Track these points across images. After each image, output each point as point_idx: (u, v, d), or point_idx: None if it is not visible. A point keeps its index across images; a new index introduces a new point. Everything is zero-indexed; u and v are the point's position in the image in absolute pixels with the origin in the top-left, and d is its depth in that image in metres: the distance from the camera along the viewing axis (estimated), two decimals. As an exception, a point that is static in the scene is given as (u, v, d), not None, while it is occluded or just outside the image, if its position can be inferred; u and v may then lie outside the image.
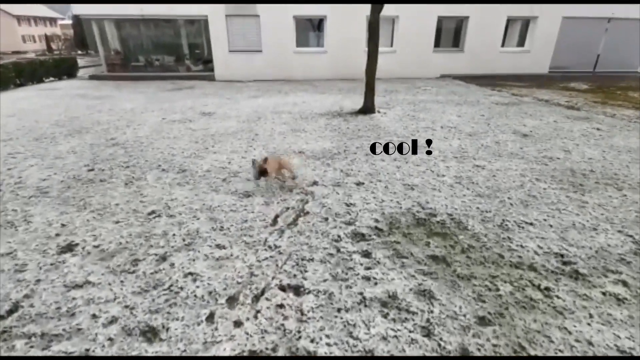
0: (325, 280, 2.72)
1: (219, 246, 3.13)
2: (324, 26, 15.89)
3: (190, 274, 2.76)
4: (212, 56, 16.42)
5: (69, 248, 3.11)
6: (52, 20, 63.04)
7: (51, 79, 16.21)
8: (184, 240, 3.22)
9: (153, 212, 3.72)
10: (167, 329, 2.25)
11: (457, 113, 8.53)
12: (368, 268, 2.88)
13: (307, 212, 3.72)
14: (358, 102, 9.86)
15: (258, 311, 2.40)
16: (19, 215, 3.66)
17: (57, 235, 3.30)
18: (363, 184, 4.44)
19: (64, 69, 17.30)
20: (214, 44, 15.95)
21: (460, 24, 16.78)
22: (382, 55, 15.86)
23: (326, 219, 3.59)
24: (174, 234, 3.31)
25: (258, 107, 9.38)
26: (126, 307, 2.44)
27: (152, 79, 15.97)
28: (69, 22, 54.58)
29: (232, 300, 2.50)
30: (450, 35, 17.24)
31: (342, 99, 10.51)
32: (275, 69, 16.11)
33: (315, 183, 4.44)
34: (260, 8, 15.28)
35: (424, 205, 3.92)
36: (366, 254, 3.07)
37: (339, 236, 3.31)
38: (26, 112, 8.89)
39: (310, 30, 16.44)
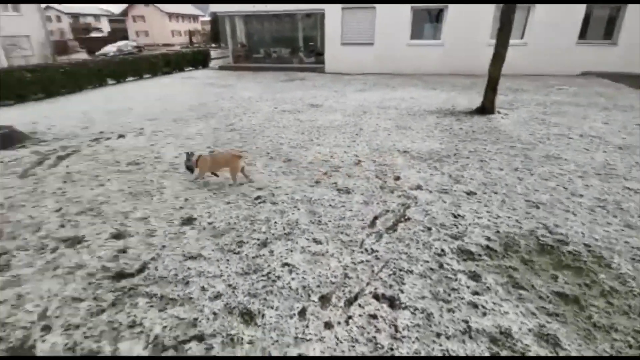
0: (423, 298, 2.48)
1: (315, 241, 3.13)
2: (444, 17, 14.80)
3: (287, 264, 2.82)
4: (324, 49, 16.88)
5: (189, 221, 3.50)
6: (195, 18, 73.33)
7: (190, 68, 18.84)
8: (284, 229, 3.32)
9: (259, 197, 3.94)
10: (263, 316, 2.33)
11: (602, 119, 7.00)
12: (476, 293, 2.52)
13: (409, 218, 3.47)
14: (475, 100, 8.93)
15: (350, 317, 2.31)
16: (155, 186, 4.29)
17: (181, 208, 3.75)
18: (475, 194, 3.95)
19: (200, 60, 19.92)
20: (327, 36, 16.33)
21: (615, 11, 13.73)
22: (510, 48, 14.15)
23: (429, 229, 3.29)
24: (275, 222, 3.44)
25: (364, 100, 9.26)
26: (229, 285, 2.61)
27: (269, 69, 17.22)
28: (208, 18, 62.76)
29: (324, 300, 2.46)
30: (600, 24, 14.27)
31: (455, 96, 9.65)
32: (385, 62, 15.72)
33: (419, 187, 4.13)
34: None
35: (551, 229, 3.28)
36: (474, 276, 2.70)
37: (442, 250, 2.99)
38: (169, 97, 10.50)
39: (427, 22, 15.51)
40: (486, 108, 7.44)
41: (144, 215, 3.62)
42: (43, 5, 26.31)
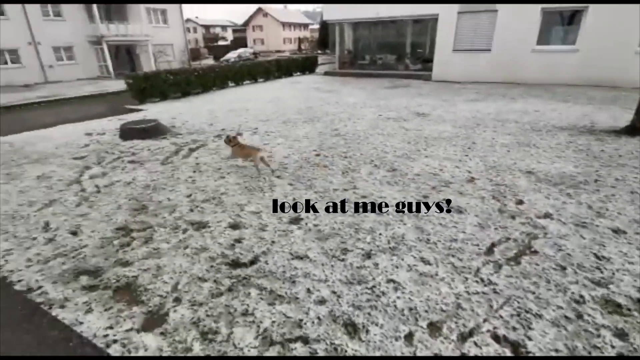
0: (557, 350, 2.09)
1: (423, 260, 2.93)
2: (582, 19, 12.77)
3: (393, 281, 2.70)
4: (432, 55, 16.17)
5: (296, 221, 3.64)
6: (305, 26, 77.98)
7: (298, 73, 20.03)
8: (388, 242, 3.20)
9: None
10: (367, 331, 2.25)
11: None
12: (622, 355, 2.03)
13: (536, 251, 3.00)
14: (620, 118, 7.48)
15: (464, 354, 2.08)
16: (267, 184, 4.60)
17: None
18: (624, 232, 3.24)
19: (307, 66, 21.04)
20: (438, 42, 15.60)
21: None
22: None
23: (563, 268, 2.79)
24: (380, 233, 3.35)
25: (477, 112, 8.53)
26: (334, 292, 2.61)
27: (373, 76, 17.24)
28: (317, 26, 66.15)
29: (434, 328, 2.27)
30: None
31: (593, 112, 8.20)
32: (503, 70, 14.29)
33: (548, 216, 3.56)
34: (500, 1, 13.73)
35: None
36: (621, 335, 2.19)
37: (581, 297, 2.50)
38: (279, 100, 11.29)
39: (558, 25, 13.59)
40: (637, 128, 6.11)
41: (257, 210, 3.90)
42: (185, 18, 31.03)
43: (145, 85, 12.20)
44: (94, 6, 21.46)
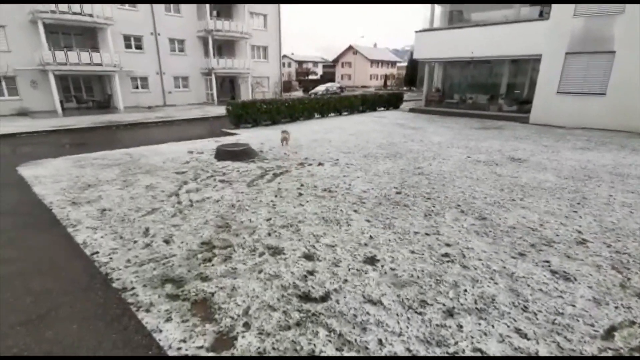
0: None
1: (519, 332, 2.50)
2: None
3: (480, 350, 2.33)
4: (531, 97, 14.90)
5: (372, 261, 3.46)
6: (393, 63, 79.38)
7: (382, 108, 20.19)
8: (475, 302, 2.82)
9: (447, 254, 3.55)
10: (446, 407, 1.94)
11: None
12: None
13: (678, 348, 2.34)
14: None
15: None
16: (343, 216, 4.53)
17: (365, 244, 3.78)
18: None
19: (392, 101, 21.11)
20: (539, 83, 14.37)
21: None
22: None
23: None
24: (465, 290, 2.98)
25: (588, 162, 7.44)
26: (408, 350, 2.34)
27: (461, 115, 16.50)
28: (404, 64, 66.86)
29: (532, 423, 1.85)
30: None
31: None
32: (620, 117, 12.46)
33: (694, 302, 2.79)
34: (619, 42, 12.25)
35: None
36: None
37: None
38: (362, 133, 11.39)
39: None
40: None
41: (332, 243, 3.83)
42: (282, 54, 34.06)
43: (241, 112, 13.47)
44: (210, 44, 24.87)
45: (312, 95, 25.22)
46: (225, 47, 27.79)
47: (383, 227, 4.22)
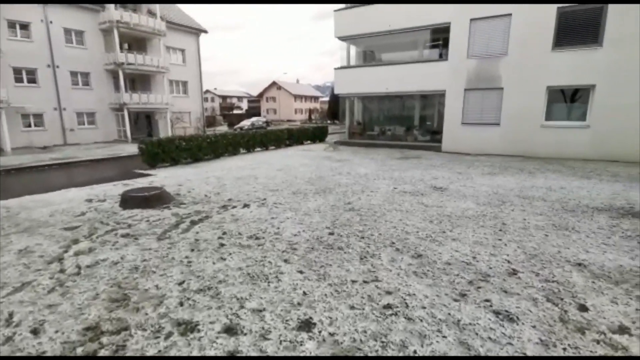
0: None
1: (479, 400, 2.17)
2: (590, 97, 12.96)
3: None
4: (441, 128, 16.36)
5: (307, 326, 2.93)
6: (316, 98, 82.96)
7: (308, 142, 20.36)
8: (427, 365, 2.46)
9: (389, 305, 3.20)
10: None
11: None
12: None
13: (630, 391, 2.23)
14: (659, 197, 6.91)
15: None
16: (273, 269, 3.96)
17: (299, 304, 3.25)
18: None
19: (318, 135, 21.50)
20: (446, 115, 15.87)
21: None
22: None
23: None
24: (415, 350, 2.61)
25: (498, 187, 8.05)
26: None
27: (382, 146, 17.34)
28: (326, 99, 70.27)
29: None
30: None
31: (625, 190, 7.65)
32: (513, 144, 14.23)
33: (624, 330, 2.81)
34: (505, 80, 14.20)
35: None
36: None
37: None
38: (289, 168, 11.07)
39: (567, 102, 13.79)
40: (690, 212, 5.50)
41: (259, 307, 3.22)
42: (204, 89, 33.05)
43: (157, 151, 12.24)
44: (121, 77, 22.94)
45: (238, 130, 24.57)
46: (140, 81, 25.97)
47: (317, 278, 3.75)
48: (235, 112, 69.68)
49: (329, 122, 49.00)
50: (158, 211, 6.44)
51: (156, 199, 6.96)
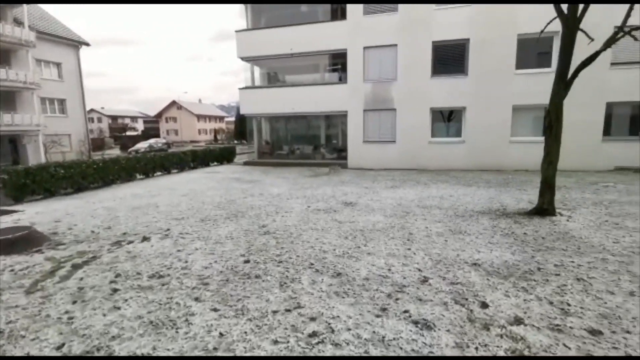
0: None
1: (412, 420, 2.14)
2: (463, 117, 15.30)
3: None
4: (346, 146, 17.33)
5: (227, 374, 2.58)
6: (221, 118, 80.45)
7: (215, 163, 19.39)
8: (359, 392, 2.36)
9: (314, 333, 3.04)
10: None
11: (685, 223, 6.14)
12: None
13: (532, 378, 2.48)
14: (521, 198, 8.36)
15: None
16: (181, 312, 3.46)
17: (215, 349, 2.87)
18: (601, 333, 2.97)
19: (226, 155, 20.68)
20: (349, 135, 16.89)
21: (639, 109, 13.96)
22: (529, 144, 14.14)
23: (572, 400, 2.27)
24: (344, 378, 2.50)
25: (400, 199, 8.74)
26: None
27: (292, 165, 17.51)
28: (232, 119, 68.74)
29: None
30: (624, 121, 14.41)
31: (498, 195, 9.06)
32: (408, 159, 15.85)
33: (519, 321, 3.17)
34: (397, 102, 15.82)
35: None
36: None
37: None
38: (196, 193, 10.26)
39: (446, 121, 16.03)
40: (545, 209, 6.73)
41: (167, 361, 2.74)
42: (88, 108, 29.07)
43: (25, 181, 10.11)
44: (-31, 93, 18.67)
45: (133, 153, 22.11)
46: (3, 99, 21.52)
47: (235, 314, 3.40)
48: (129, 133, 62.97)
49: (236, 142, 47.84)
50: (26, 257, 5.20)
51: (23, 241, 5.63)
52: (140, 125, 76.80)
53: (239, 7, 18.87)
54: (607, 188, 9.72)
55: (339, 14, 17.30)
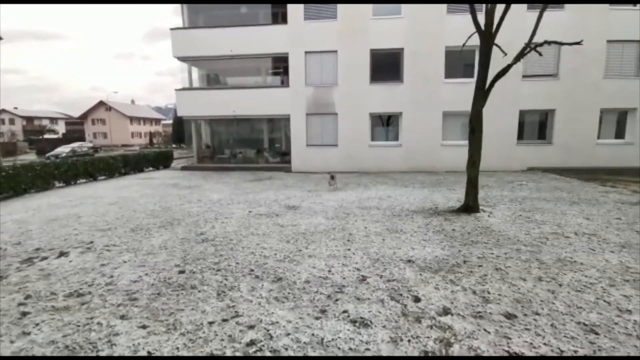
0: None
1: (348, 418, 2.17)
2: (400, 122, 16.17)
3: None
4: (289, 149, 17.32)
5: (154, 395, 2.39)
6: (157, 121, 75.60)
7: (150, 168, 18.13)
8: (296, 398, 2.34)
9: (252, 342, 2.95)
10: None
11: (581, 215, 7.12)
12: None
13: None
14: (450, 197, 9.02)
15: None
16: (103, 333, 3.14)
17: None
18: (516, 317, 3.30)
19: (162, 160, 19.45)
20: (293, 139, 16.91)
21: (545, 116, 15.97)
22: (458, 147, 15.40)
23: (491, 380, 2.48)
24: (282, 385, 2.45)
25: (342, 201, 8.94)
26: None
27: (234, 169, 17.03)
28: (170, 122, 64.99)
29: None
30: (534, 127, 16.37)
31: (430, 194, 9.70)
32: (350, 162, 16.30)
33: (447, 311, 3.40)
34: (338, 107, 16.22)
35: (630, 364, 2.63)
36: None
37: (524, 418, 2.16)
38: (126, 201, 9.48)
39: (384, 125, 16.81)
40: (471, 207, 7.35)
41: (84, 388, 2.46)
42: (-5, 108, 25.45)
43: None
44: None
45: (52, 159, 19.78)
46: None
47: (166, 329, 3.18)
48: (48, 136, 56.30)
49: (174, 146, 45.22)
50: None
51: None
52: (61, 128, 69.16)
53: (173, 4, 17.88)
54: (521, 186, 10.92)
55: (279, 18, 17.30)
